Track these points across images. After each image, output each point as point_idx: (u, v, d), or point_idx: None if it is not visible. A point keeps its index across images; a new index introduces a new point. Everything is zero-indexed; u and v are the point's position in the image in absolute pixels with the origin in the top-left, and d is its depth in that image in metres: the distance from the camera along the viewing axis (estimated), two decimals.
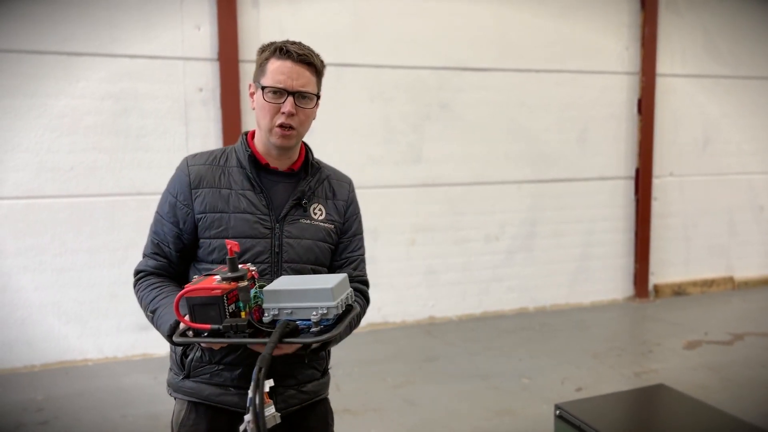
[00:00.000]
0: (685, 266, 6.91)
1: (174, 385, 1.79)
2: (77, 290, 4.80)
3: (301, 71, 1.70)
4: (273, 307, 1.42)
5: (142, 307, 1.73)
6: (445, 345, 5.23)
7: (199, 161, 1.77)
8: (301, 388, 1.80)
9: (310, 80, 1.73)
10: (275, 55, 1.70)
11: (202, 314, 1.40)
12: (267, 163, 1.77)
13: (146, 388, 4.30)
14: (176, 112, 4.94)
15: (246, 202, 1.72)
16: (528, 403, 4.05)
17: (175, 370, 1.79)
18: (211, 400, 1.73)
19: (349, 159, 5.45)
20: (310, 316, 1.40)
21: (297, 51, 1.70)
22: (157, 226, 1.77)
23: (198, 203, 1.72)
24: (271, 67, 1.70)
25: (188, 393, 1.76)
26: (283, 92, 1.68)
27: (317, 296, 1.41)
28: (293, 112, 1.68)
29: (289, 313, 1.41)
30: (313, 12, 5.25)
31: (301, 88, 1.69)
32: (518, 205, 6.12)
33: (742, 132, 6.96)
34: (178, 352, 1.76)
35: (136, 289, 1.76)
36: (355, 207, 1.92)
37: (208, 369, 1.72)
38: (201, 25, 4.94)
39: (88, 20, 4.67)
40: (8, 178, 4.58)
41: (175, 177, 1.77)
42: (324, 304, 1.40)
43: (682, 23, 6.53)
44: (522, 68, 5.97)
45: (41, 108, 4.61)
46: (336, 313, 1.42)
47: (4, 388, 4.37)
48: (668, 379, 4.25)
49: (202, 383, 1.73)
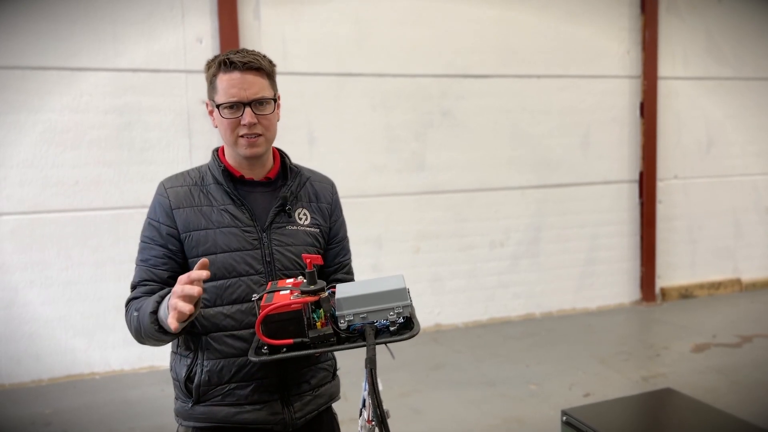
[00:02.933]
0: (692, 269, 6.88)
1: (184, 414, 1.72)
2: (84, 304, 4.82)
3: (251, 79, 1.65)
4: (348, 313, 1.44)
5: (132, 327, 1.64)
6: (451, 352, 5.22)
7: (176, 183, 1.74)
8: (316, 392, 1.78)
9: (263, 85, 1.68)
10: (221, 69, 1.65)
11: (280, 330, 1.41)
12: (242, 175, 1.74)
13: (153, 400, 4.31)
14: (180, 125, 4.97)
15: (229, 216, 1.69)
16: (536, 410, 4.04)
17: (182, 398, 1.73)
18: (228, 422, 1.67)
19: (353, 167, 5.47)
20: (386, 316, 1.44)
21: (241, 60, 1.64)
22: (145, 253, 1.70)
23: (181, 223, 1.68)
24: (220, 83, 1.65)
25: (201, 419, 1.69)
26: (239, 105, 1.64)
27: (393, 297, 1.44)
28: (254, 122, 1.65)
29: (364, 317, 1.44)
30: (315, 23, 5.28)
31: (254, 96, 1.65)
32: (522, 210, 6.12)
33: (745, 133, 6.94)
34: (181, 378, 1.71)
35: (127, 317, 1.67)
36: (339, 209, 1.91)
37: (219, 390, 1.68)
38: (203, 38, 4.98)
39: (92, 35, 4.71)
40: (14, 193, 4.61)
41: (155, 202, 1.72)
42: (400, 303, 1.45)
43: (683, 26, 6.53)
44: (523, 74, 5.98)
45: (46, 123, 4.64)
46: (410, 311, 1.47)
47: (12, 402, 4.38)
48: (676, 383, 4.23)
49: (214, 406, 1.68)
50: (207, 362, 1.68)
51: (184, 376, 1.70)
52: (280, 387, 1.71)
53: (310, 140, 5.33)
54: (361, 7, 5.41)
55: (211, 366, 1.67)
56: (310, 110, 5.34)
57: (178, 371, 1.73)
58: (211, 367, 1.67)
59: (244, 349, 1.65)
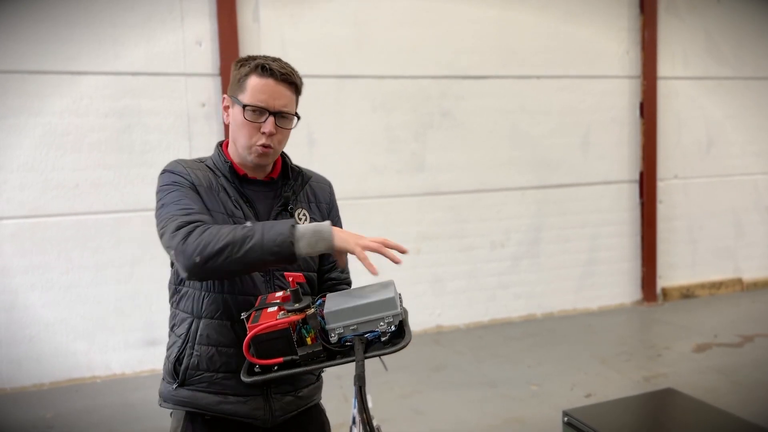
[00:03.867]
0: (693, 269, 6.88)
1: (166, 395, 1.73)
2: (84, 307, 4.82)
3: (282, 91, 1.66)
4: (337, 326, 1.44)
5: (220, 240, 1.45)
6: (452, 353, 5.21)
7: (192, 166, 1.71)
8: (298, 393, 1.79)
9: (291, 100, 1.69)
10: (256, 72, 1.65)
11: (269, 349, 1.41)
12: (245, 173, 1.75)
13: (155, 403, 4.27)
14: (179, 128, 4.97)
15: (241, 212, 1.69)
16: (537, 411, 4.03)
17: (168, 379, 1.73)
18: (209, 410, 1.68)
19: (353, 169, 5.48)
20: (376, 327, 1.44)
21: (279, 70, 1.65)
22: (188, 198, 1.59)
23: (203, 197, 1.65)
24: (251, 84, 1.64)
25: (183, 402, 1.70)
26: (264, 111, 1.65)
27: (382, 307, 1.44)
28: (274, 132, 1.66)
29: (354, 329, 1.44)
30: (314, 25, 5.29)
31: (282, 108, 1.66)
32: (523, 211, 6.12)
33: (745, 133, 6.94)
34: (171, 359, 1.70)
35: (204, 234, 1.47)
36: (336, 209, 1.93)
37: (206, 377, 1.68)
38: (202, 41, 4.98)
39: (92, 38, 4.72)
40: (14, 196, 4.62)
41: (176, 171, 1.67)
42: (390, 312, 1.44)
43: (682, 26, 6.53)
44: (523, 75, 5.98)
45: (46, 126, 4.65)
46: (400, 319, 1.46)
47: (13, 406, 4.38)
48: (678, 383, 4.23)
49: (198, 391, 1.68)
50: (199, 347, 1.68)
51: (174, 357, 1.70)
52: (264, 384, 1.70)
53: (310, 142, 5.34)
54: (360, 9, 5.42)
55: (202, 352, 1.67)
56: (310, 112, 5.33)
57: (170, 350, 1.73)
58: (203, 353, 1.67)
59: (237, 341, 1.65)
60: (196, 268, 1.46)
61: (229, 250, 1.44)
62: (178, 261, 1.48)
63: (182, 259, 1.47)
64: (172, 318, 1.76)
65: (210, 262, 1.45)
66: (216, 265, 1.46)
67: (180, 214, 1.54)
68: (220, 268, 1.47)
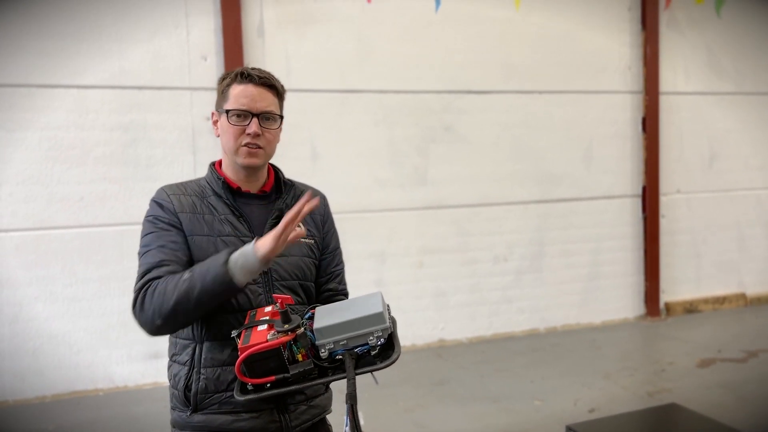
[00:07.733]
0: (696, 283, 6.86)
1: (182, 423, 1.73)
2: (88, 320, 4.82)
3: (263, 93, 1.73)
4: (327, 342, 1.45)
5: (172, 295, 1.53)
6: (455, 368, 5.20)
7: (177, 191, 1.76)
8: (310, 402, 1.80)
9: (273, 102, 1.75)
10: (236, 80, 1.73)
11: (261, 368, 1.43)
12: (239, 187, 1.78)
13: (157, 416, 4.30)
14: (184, 142, 5.00)
15: (230, 227, 1.72)
16: (540, 426, 4.01)
17: (180, 407, 1.74)
18: (225, 429, 1.68)
19: (356, 183, 5.50)
20: (366, 341, 1.44)
21: (258, 74, 1.73)
22: (159, 240, 1.66)
23: (185, 226, 1.70)
24: (233, 92, 1.72)
25: (199, 427, 1.70)
26: (248, 114, 1.71)
27: (370, 321, 1.45)
28: (259, 133, 1.71)
29: (344, 344, 1.45)
30: (318, 40, 5.34)
31: (265, 109, 1.72)
32: (525, 225, 6.13)
33: (748, 147, 6.96)
34: (180, 387, 1.72)
35: (157, 290, 1.56)
36: (331, 220, 1.96)
37: (216, 398, 1.68)
38: (207, 55, 5.03)
39: (98, 53, 4.77)
40: (19, 209, 4.64)
41: (158, 203, 1.73)
42: (378, 327, 1.45)
43: (683, 41, 6.58)
44: (525, 90, 6.02)
45: (52, 140, 4.68)
46: (390, 332, 1.47)
47: (16, 419, 4.37)
48: (682, 398, 4.20)
49: (211, 414, 1.69)
50: (205, 370, 1.69)
51: (183, 385, 1.71)
52: (277, 396, 1.71)
53: (313, 156, 5.37)
54: (363, 25, 5.47)
55: (209, 374, 1.69)
56: (313, 126, 5.38)
57: (176, 380, 1.74)
58: (209, 375, 1.69)
59: None
60: (161, 330, 1.60)
61: (183, 305, 1.53)
62: (143, 329, 1.62)
63: (147, 328, 1.61)
64: (173, 347, 1.77)
65: (171, 320, 1.56)
66: (178, 321, 1.58)
67: (140, 272, 1.66)
68: (184, 321, 1.60)
